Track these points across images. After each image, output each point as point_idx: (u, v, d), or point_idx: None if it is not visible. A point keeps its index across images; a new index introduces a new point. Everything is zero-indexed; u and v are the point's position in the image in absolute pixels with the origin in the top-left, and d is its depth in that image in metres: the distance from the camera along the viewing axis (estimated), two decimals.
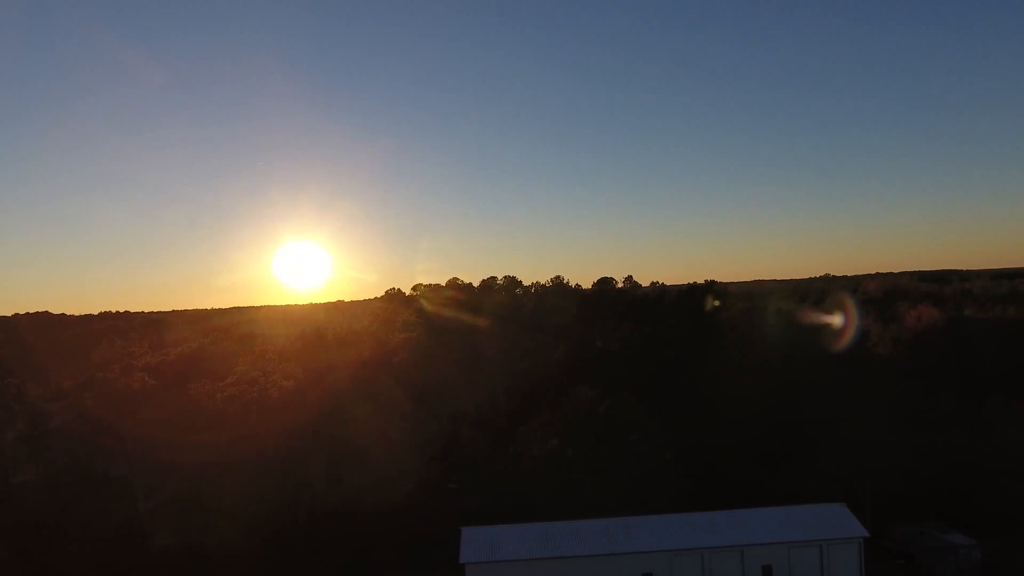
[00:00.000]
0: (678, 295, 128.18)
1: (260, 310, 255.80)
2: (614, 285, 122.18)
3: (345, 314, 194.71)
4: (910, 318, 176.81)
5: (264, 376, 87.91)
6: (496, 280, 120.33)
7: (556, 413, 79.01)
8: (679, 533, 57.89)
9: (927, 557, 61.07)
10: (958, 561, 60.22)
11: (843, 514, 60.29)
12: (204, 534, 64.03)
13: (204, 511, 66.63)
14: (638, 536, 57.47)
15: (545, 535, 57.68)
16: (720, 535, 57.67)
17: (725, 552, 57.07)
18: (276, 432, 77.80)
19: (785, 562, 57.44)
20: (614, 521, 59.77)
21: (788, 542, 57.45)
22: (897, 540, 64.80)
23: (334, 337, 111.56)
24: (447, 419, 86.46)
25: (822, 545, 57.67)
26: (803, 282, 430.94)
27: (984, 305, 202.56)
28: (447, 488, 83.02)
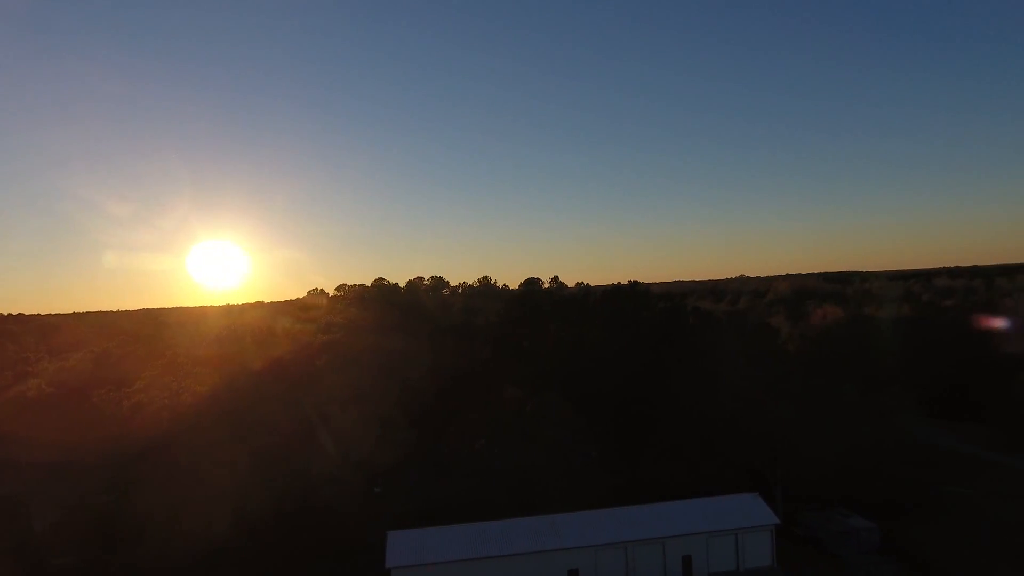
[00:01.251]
0: (603, 295, 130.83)
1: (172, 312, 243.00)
2: (541, 285, 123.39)
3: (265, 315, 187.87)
4: (816, 316, 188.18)
5: (176, 381, 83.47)
6: (423, 280, 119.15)
7: (483, 413, 79.09)
8: (604, 528, 59.11)
9: (832, 541, 64.93)
10: (859, 543, 64.37)
11: (756, 503, 63.28)
12: (110, 552, 60.10)
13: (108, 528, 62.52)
14: (564, 533, 58.25)
15: (473, 536, 57.53)
16: (642, 529, 59.29)
17: (647, 545, 58.73)
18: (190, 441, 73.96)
19: (703, 551, 59.73)
20: (541, 519, 60.36)
21: (706, 532, 59.76)
22: (805, 526, 68.53)
23: (252, 340, 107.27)
24: (372, 421, 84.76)
25: (737, 534, 60.34)
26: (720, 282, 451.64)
27: (882, 304, 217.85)
28: (372, 492, 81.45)
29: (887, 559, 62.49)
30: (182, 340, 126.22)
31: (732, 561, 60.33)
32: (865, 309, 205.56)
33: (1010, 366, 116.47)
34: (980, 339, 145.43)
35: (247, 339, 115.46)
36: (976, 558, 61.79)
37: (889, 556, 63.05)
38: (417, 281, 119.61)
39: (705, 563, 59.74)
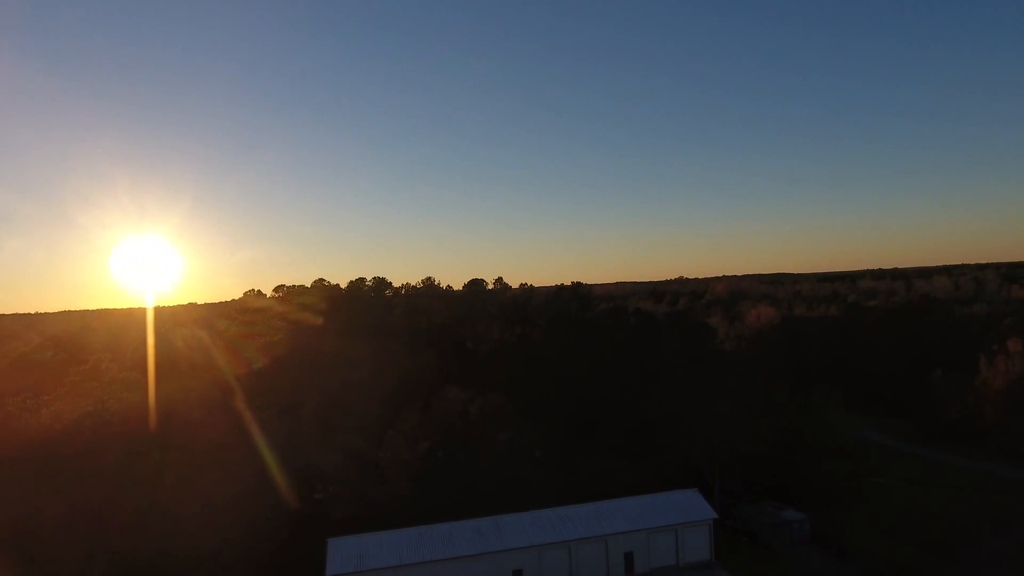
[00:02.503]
0: (547, 296, 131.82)
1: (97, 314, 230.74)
2: (485, 286, 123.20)
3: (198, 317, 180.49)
4: (751, 317, 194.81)
5: (101, 388, 79.06)
6: (365, 282, 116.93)
7: (427, 415, 78.15)
8: (547, 528, 59.46)
9: (765, 532, 67.33)
10: (791, 534, 67.01)
11: (695, 499, 64.96)
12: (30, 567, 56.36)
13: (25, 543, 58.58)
14: (508, 534, 58.30)
15: (416, 540, 56.88)
16: (585, 527, 59.95)
17: (590, 543, 59.44)
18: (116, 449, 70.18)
19: (645, 547, 60.90)
20: (485, 521, 60.25)
21: (647, 529, 60.96)
22: (740, 519, 70.81)
23: (184, 343, 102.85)
24: (312, 426, 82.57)
25: (677, 529, 61.80)
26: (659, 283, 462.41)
27: (811, 305, 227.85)
28: (312, 499, 79.36)
29: (816, 548, 65.24)
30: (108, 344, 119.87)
31: (672, 556, 61.73)
32: (796, 310, 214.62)
33: (924, 364, 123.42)
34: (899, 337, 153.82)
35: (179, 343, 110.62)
36: (894, 543, 65.29)
37: (818, 545, 65.84)
38: (359, 282, 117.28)
39: (647, 559, 60.92)
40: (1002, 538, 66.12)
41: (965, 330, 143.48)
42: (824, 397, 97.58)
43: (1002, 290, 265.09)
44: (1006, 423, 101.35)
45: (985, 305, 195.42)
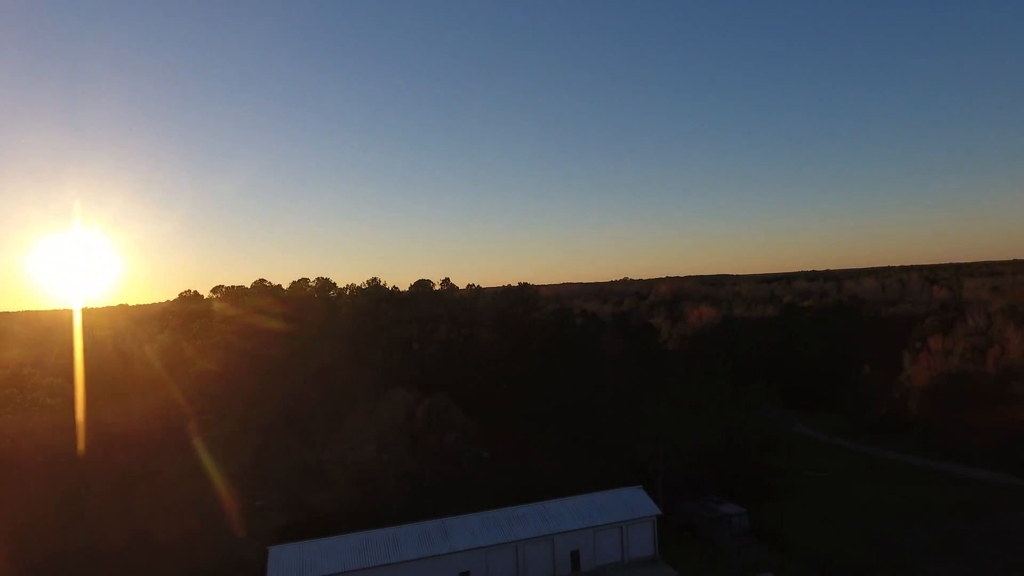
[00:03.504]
0: (494, 296, 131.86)
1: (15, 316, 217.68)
2: (431, 287, 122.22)
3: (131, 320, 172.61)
4: (693, 317, 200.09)
5: (22, 394, 74.64)
6: (308, 282, 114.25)
7: (372, 418, 77.01)
8: (494, 529, 59.37)
9: (706, 527, 69.11)
10: (731, 528, 68.99)
11: (639, 496, 66.09)
12: None
13: None
14: (455, 536, 57.92)
15: (361, 545, 55.81)
16: (532, 527, 60.16)
17: (537, 543, 59.68)
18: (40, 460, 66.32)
19: (591, 545, 61.57)
20: (431, 523, 59.69)
21: (593, 527, 61.65)
22: (683, 514, 72.47)
23: (116, 347, 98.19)
24: (252, 431, 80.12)
25: (622, 526, 62.73)
26: (604, 284, 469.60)
27: (750, 305, 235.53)
28: (253, 506, 77.02)
29: (755, 540, 67.38)
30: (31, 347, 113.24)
31: (618, 553, 62.62)
32: (735, 310, 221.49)
33: (854, 361, 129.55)
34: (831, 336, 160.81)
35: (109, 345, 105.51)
36: (827, 533, 68.09)
37: (757, 538, 68.03)
38: (302, 282, 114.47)
39: (592, 556, 61.60)
40: (925, 525, 69.89)
41: (891, 329, 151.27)
42: (762, 394, 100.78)
43: (924, 291, 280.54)
44: (928, 417, 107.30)
45: (909, 305, 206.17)
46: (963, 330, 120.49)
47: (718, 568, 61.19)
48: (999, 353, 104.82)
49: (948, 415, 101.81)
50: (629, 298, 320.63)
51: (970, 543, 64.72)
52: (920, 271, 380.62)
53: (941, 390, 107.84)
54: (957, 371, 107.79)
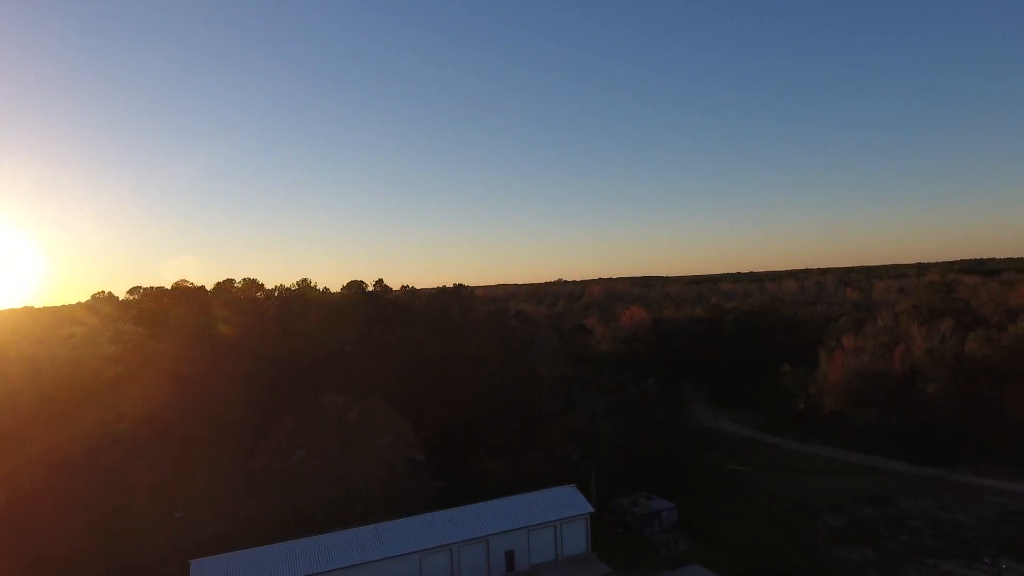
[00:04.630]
0: (429, 298, 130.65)
1: None
2: (364, 288, 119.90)
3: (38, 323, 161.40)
4: (624, 318, 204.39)
5: None
6: (233, 283, 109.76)
7: (301, 423, 74.74)
8: (429, 532, 58.82)
9: (637, 523, 70.75)
10: (661, 523, 70.91)
11: (573, 495, 66.94)
12: None
13: None
14: (388, 541, 57.01)
15: (290, 555, 54.10)
16: (467, 529, 59.95)
17: (472, 544, 59.52)
18: None
19: (525, 545, 61.92)
20: (364, 530, 58.58)
21: (527, 527, 62.01)
22: (615, 511, 73.92)
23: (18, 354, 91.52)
24: (170, 440, 76.34)
25: (556, 525, 63.38)
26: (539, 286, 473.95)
27: (679, 306, 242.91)
28: (173, 518, 73.40)
29: (682, 534, 69.47)
30: None
31: (552, 551, 63.22)
32: (665, 311, 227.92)
33: (775, 359, 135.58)
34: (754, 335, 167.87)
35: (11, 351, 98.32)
36: (749, 525, 70.99)
37: (685, 532, 70.16)
38: (227, 283, 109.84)
39: (527, 556, 61.96)
40: (836, 514, 73.97)
41: (809, 328, 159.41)
42: (690, 392, 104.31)
43: (839, 292, 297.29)
44: (842, 411, 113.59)
45: (825, 306, 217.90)
46: (873, 329, 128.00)
47: (648, 562, 62.74)
48: (905, 351, 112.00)
49: (858, 409, 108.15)
50: (563, 299, 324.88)
51: (877, 529, 68.94)
52: (835, 273, 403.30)
53: (853, 386, 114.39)
54: (867, 368, 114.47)
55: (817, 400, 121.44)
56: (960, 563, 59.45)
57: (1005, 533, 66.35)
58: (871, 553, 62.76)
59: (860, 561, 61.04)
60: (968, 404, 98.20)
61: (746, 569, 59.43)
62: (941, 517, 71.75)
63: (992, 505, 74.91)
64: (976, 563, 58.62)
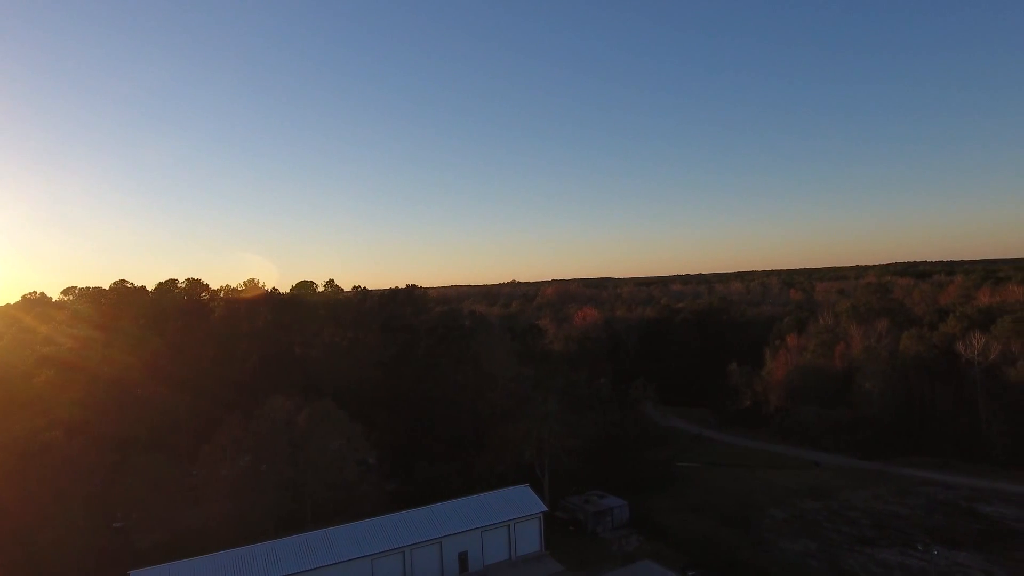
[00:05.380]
0: (381, 299, 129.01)
1: None
2: (314, 289, 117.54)
3: None
4: (577, 318, 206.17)
5: None
6: (176, 283, 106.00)
7: (248, 426, 72.49)
8: (380, 536, 57.97)
9: (590, 520, 71.37)
10: (612, 519, 71.72)
11: (526, 494, 67.07)
12: None
13: None
14: (339, 546, 55.93)
15: (235, 562, 52.49)
16: (419, 531, 59.34)
17: (425, 547, 58.93)
18: None
19: (479, 545, 61.67)
20: (314, 534, 57.34)
21: (481, 527, 61.78)
22: (568, 509, 74.39)
23: None
24: (107, 447, 73.03)
25: (510, 525, 63.35)
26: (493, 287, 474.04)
27: (630, 307, 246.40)
28: (110, 528, 70.21)
29: (634, 531, 70.44)
30: None
31: (505, 551, 63.16)
32: (617, 311, 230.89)
33: (722, 358, 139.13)
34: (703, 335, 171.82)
35: None
36: (699, 519, 72.55)
37: (636, 528, 71.15)
38: (169, 284, 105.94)
39: (480, 556, 61.71)
40: (780, 506, 76.34)
41: (755, 328, 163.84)
42: (641, 391, 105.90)
43: (783, 293, 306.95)
44: (786, 408, 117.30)
45: (770, 307, 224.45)
46: (815, 328, 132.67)
47: (600, 558, 63.33)
48: (844, 349, 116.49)
49: (801, 405, 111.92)
50: (517, 300, 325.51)
51: (819, 521, 71.44)
52: (779, 275, 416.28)
53: (796, 383, 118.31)
54: (810, 365, 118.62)
55: (762, 397, 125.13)
56: (895, 551, 62.11)
57: (935, 521, 69.70)
58: (812, 544, 64.94)
59: (802, 552, 63.10)
60: (902, 400, 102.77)
61: (695, 562, 60.66)
62: (878, 508, 74.86)
63: (923, 495, 78.59)
64: (910, 550, 61.33)
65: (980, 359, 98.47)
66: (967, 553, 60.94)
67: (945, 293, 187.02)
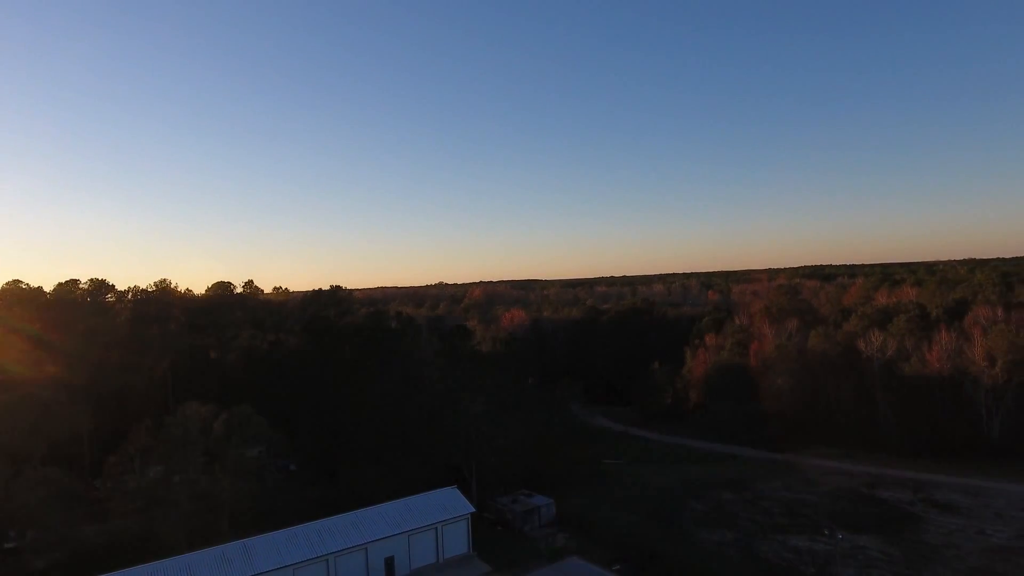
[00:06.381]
0: (303, 300, 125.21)
1: None
2: (232, 290, 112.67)
3: None
4: (505, 319, 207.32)
5: None
6: (78, 284, 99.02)
7: (160, 435, 68.58)
8: (303, 545, 56.09)
9: (518, 519, 71.70)
10: (540, 518, 72.31)
11: (454, 496, 66.62)
12: None
13: None
14: (258, 557, 53.69)
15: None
16: (344, 538, 57.82)
17: (349, 553, 57.45)
18: None
19: (405, 550, 60.74)
20: (231, 546, 54.79)
21: (407, 531, 60.86)
22: (496, 510, 74.46)
23: None
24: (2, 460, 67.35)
25: (437, 528, 62.72)
26: (420, 289, 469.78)
27: (557, 308, 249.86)
28: (1, 548, 64.87)
29: (561, 528, 71.28)
30: None
31: (433, 554, 62.48)
32: (544, 312, 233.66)
33: (646, 358, 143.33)
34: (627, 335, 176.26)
35: None
36: (623, 514, 74.27)
37: (563, 525, 72.03)
38: (70, 284, 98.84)
39: (407, 561, 60.78)
40: (700, 499, 79.28)
41: (675, 328, 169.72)
42: (567, 390, 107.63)
43: (701, 295, 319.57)
44: (704, 404, 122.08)
45: (690, 307, 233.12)
46: (731, 328, 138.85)
47: (528, 557, 63.69)
48: (758, 347, 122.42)
49: (719, 401, 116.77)
50: (444, 302, 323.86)
51: (735, 511, 74.64)
52: (698, 277, 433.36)
53: (714, 380, 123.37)
54: (726, 363, 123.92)
55: (683, 394, 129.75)
56: (804, 537, 65.68)
57: (840, 507, 74.24)
58: (730, 534, 67.74)
59: (720, 541, 65.72)
60: (810, 394, 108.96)
61: (620, 556, 62.03)
62: (788, 497, 78.99)
63: (829, 484, 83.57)
64: (817, 536, 64.95)
65: (878, 355, 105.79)
66: (868, 536, 65.20)
67: (848, 294, 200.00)
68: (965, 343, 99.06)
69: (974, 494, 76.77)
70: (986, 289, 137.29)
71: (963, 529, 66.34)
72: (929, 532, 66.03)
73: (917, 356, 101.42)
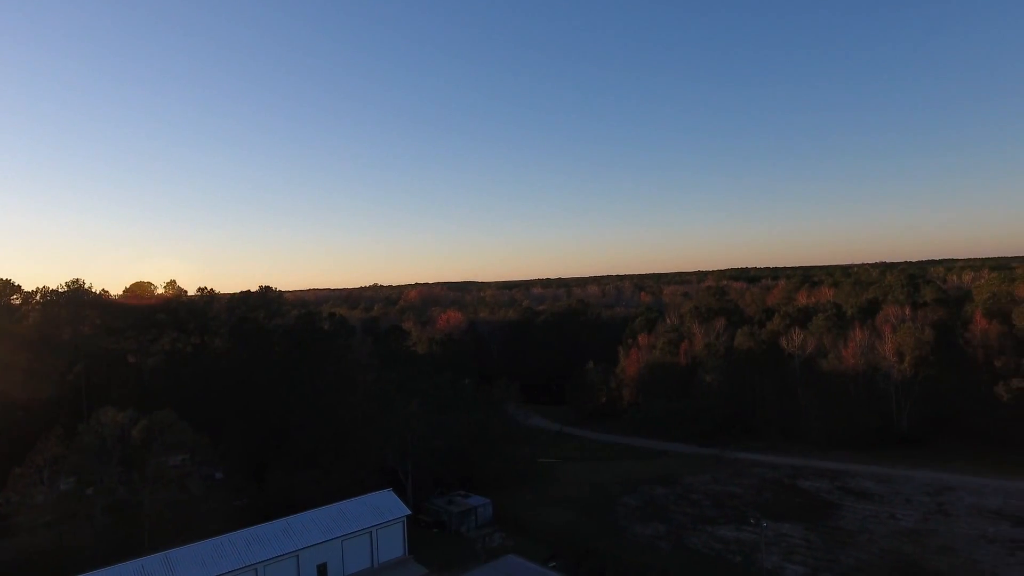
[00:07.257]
0: (230, 302, 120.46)
1: None
2: (153, 291, 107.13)
3: None
4: (441, 321, 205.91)
5: None
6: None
7: (72, 444, 64.37)
8: (229, 555, 53.83)
9: (454, 520, 71.27)
10: (476, 518, 72.09)
11: (389, 499, 65.52)
12: None
13: None
14: (180, 569, 51.19)
15: None
16: (273, 546, 55.90)
17: (280, 561, 55.59)
18: None
19: (339, 556, 59.24)
20: (152, 558, 52.05)
21: (341, 536, 59.39)
22: (432, 511, 73.75)
23: None
24: None
25: (372, 531, 61.53)
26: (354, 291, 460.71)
27: (493, 309, 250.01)
28: None
29: (498, 528, 71.29)
30: None
31: (368, 558, 61.21)
32: (480, 313, 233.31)
33: (580, 357, 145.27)
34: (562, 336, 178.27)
35: None
36: (560, 511, 75.04)
37: (500, 525, 72.05)
38: None
39: (341, 567, 59.30)
40: (633, 495, 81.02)
41: (609, 329, 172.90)
42: (503, 391, 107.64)
43: (634, 296, 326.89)
44: (637, 402, 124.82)
45: (623, 308, 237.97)
46: (663, 328, 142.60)
47: (465, 558, 63.37)
48: (688, 346, 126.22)
49: (651, 399, 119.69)
50: (379, 304, 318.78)
51: (667, 505, 76.67)
52: (632, 279, 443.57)
53: (646, 378, 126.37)
54: (658, 362, 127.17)
55: (617, 393, 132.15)
56: (731, 527, 68.16)
57: (764, 498, 77.48)
58: (662, 527, 69.52)
59: (652, 535, 67.33)
60: (736, 390, 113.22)
61: (556, 553, 62.57)
62: (716, 489, 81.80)
63: (755, 476, 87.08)
64: (744, 525, 67.53)
65: (799, 352, 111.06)
66: (790, 524, 68.29)
67: (771, 295, 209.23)
68: (877, 340, 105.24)
69: (886, 481, 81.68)
70: (895, 290, 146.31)
71: (876, 515, 70.45)
72: (845, 518, 69.78)
73: (834, 353, 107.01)
